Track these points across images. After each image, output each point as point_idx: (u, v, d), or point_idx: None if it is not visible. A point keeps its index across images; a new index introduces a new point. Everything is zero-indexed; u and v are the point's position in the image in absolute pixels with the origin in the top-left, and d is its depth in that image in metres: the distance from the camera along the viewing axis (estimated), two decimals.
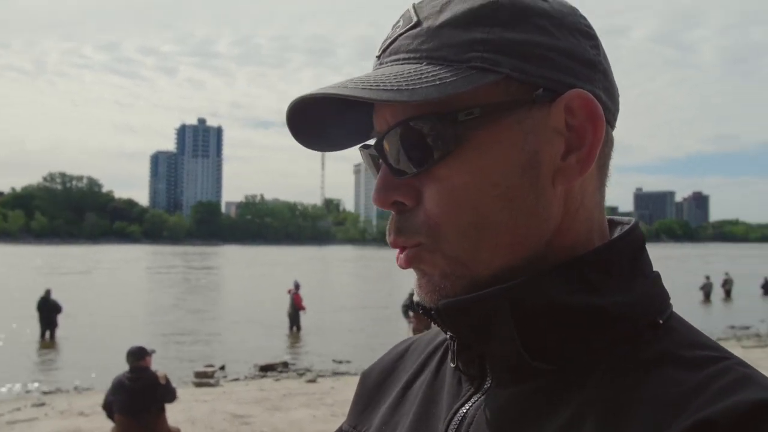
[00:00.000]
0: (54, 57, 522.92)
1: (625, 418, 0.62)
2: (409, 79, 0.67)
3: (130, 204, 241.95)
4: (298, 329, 21.68)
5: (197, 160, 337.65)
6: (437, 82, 0.66)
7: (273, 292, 31.34)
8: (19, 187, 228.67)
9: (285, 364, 16.24)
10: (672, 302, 0.75)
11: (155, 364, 8.22)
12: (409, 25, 0.73)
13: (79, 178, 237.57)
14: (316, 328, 22.23)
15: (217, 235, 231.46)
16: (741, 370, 0.63)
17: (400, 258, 0.74)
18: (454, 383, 0.80)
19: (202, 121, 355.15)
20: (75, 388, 13.97)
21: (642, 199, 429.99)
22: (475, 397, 0.75)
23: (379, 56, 0.76)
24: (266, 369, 15.68)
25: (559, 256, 0.72)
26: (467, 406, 0.75)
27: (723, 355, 0.66)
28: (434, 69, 0.68)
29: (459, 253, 0.71)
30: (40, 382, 14.54)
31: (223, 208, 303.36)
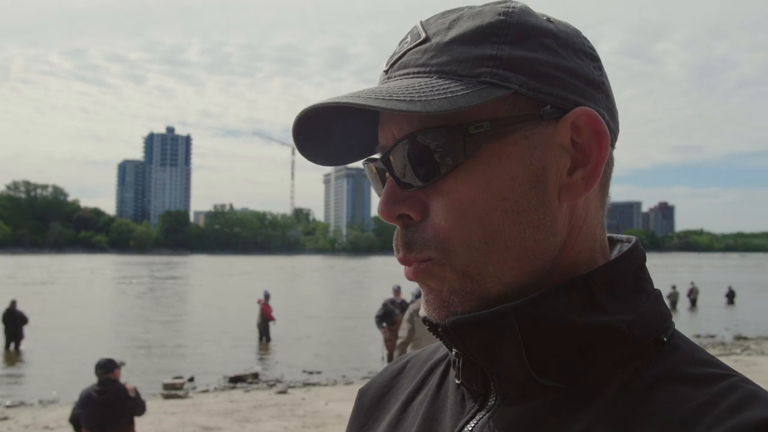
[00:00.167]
0: (18, 63, 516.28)
1: None
2: (421, 92, 0.68)
3: (97, 213, 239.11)
4: (268, 340, 21.53)
5: (165, 169, 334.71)
6: (449, 95, 0.67)
7: (242, 303, 31.14)
8: None
9: (255, 375, 16.10)
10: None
11: (122, 377, 8.09)
12: (418, 41, 0.74)
13: (44, 187, 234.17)
14: (286, 338, 22.09)
15: (185, 245, 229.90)
16: (747, 388, 0.64)
17: (408, 270, 0.74)
18: (457, 400, 0.79)
19: (170, 129, 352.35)
20: (40, 401, 13.65)
21: (609, 209, 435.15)
22: (480, 415, 0.75)
23: (387, 70, 0.77)
24: (236, 380, 15.52)
25: (564, 273, 0.72)
26: (472, 424, 0.75)
27: (728, 373, 0.67)
28: (445, 83, 0.69)
29: (468, 268, 0.71)
30: (4, 396, 14.21)
31: (192, 218, 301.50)
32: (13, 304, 19.98)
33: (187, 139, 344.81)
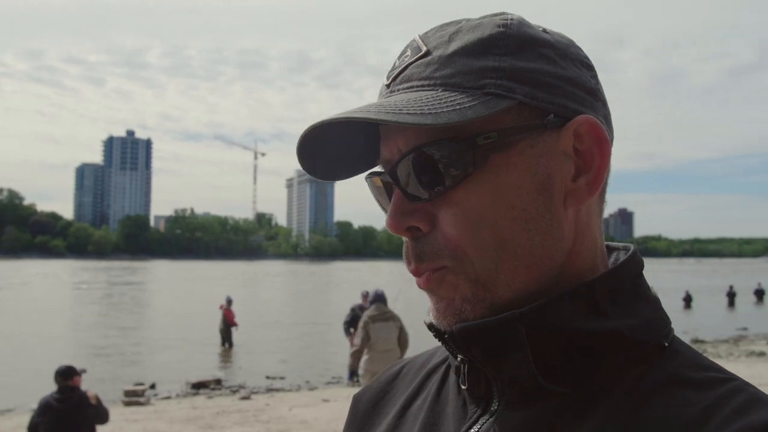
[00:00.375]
0: None
1: None
2: (430, 105, 0.68)
3: (54, 217, 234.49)
4: (230, 345, 21.32)
5: (125, 173, 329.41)
6: (457, 107, 0.68)
7: (204, 308, 30.78)
8: None
9: (218, 381, 15.93)
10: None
11: (82, 384, 7.92)
12: (419, 54, 0.75)
13: None
14: (249, 344, 21.91)
15: (145, 250, 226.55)
16: (750, 391, 0.66)
17: (420, 280, 0.75)
18: (459, 405, 0.80)
19: (130, 132, 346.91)
20: None
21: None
22: (483, 419, 0.76)
23: (389, 84, 0.77)
24: (198, 386, 15.35)
25: (570, 279, 0.74)
26: (476, 428, 0.75)
27: (729, 376, 0.69)
28: (451, 95, 0.70)
29: (482, 275, 0.72)
30: None
31: (152, 222, 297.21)
32: None
33: (148, 143, 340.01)
